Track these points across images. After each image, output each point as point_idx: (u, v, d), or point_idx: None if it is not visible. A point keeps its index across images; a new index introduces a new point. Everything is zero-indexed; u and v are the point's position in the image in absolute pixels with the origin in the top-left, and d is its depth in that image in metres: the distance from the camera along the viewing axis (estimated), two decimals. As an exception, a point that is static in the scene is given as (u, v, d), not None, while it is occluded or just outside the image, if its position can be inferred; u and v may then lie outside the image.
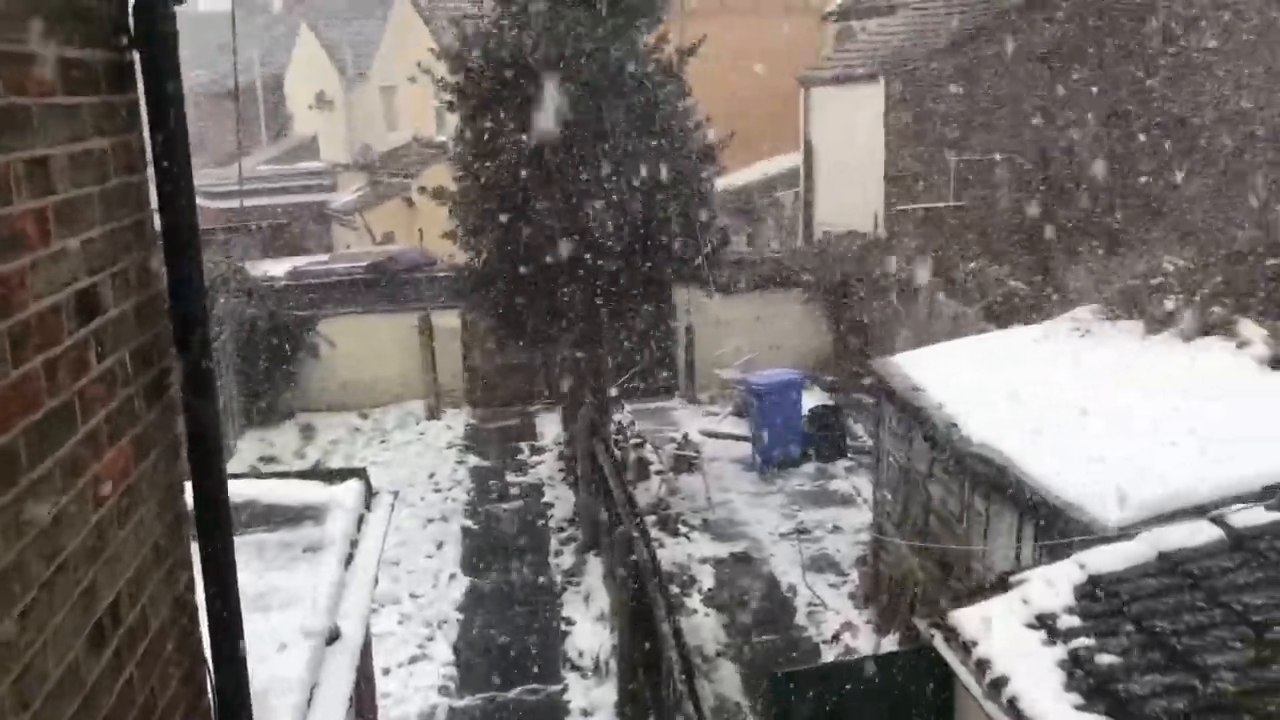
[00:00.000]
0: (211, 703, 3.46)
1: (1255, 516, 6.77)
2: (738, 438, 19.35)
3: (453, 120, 16.99)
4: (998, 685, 6.11)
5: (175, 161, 2.97)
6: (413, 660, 12.87)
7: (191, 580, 3.40)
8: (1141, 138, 20.30)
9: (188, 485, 3.34)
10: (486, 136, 15.43)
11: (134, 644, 2.82)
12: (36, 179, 2.35)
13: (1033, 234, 20.89)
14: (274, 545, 6.43)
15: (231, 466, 18.38)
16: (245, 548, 6.29)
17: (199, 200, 3.25)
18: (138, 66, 2.90)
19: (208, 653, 3.48)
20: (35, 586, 2.27)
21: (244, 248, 26.89)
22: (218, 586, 3.43)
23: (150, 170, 3.05)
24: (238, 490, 7.07)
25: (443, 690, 12.32)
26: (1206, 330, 10.81)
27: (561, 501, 17.60)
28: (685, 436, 19.10)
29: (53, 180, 2.43)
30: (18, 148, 2.27)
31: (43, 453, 2.32)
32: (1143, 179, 19.40)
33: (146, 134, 2.98)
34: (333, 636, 5.63)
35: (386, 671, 12.30)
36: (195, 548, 3.38)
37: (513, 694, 12.31)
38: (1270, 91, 21.41)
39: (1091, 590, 6.62)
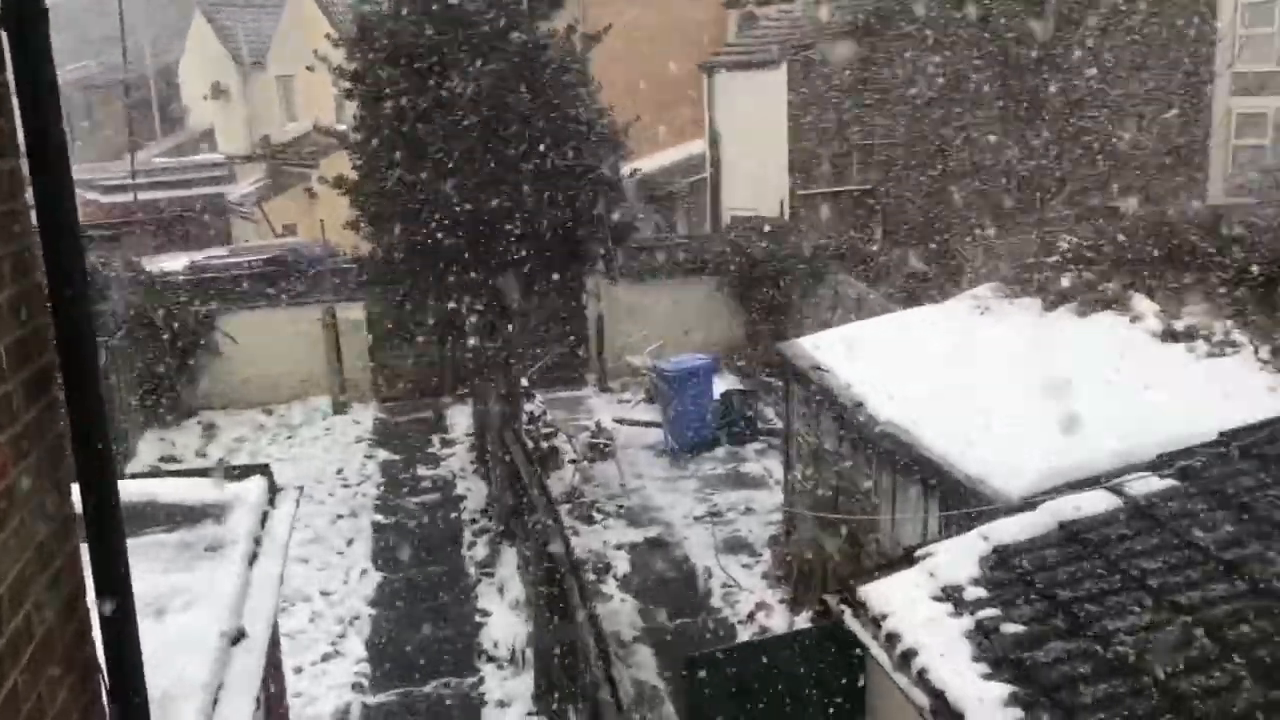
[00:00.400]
0: (107, 710, 3.34)
1: (1151, 484, 6.98)
2: (650, 424, 19.40)
3: (353, 108, 16.68)
4: (907, 657, 6.21)
5: (49, 147, 2.84)
6: (325, 658, 12.66)
7: (81, 584, 3.27)
8: (1037, 122, 20.81)
9: (75, 486, 3.21)
10: (386, 124, 15.17)
11: (18, 651, 2.71)
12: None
13: (934, 216, 21.28)
14: (173, 545, 6.24)
15: (131, 467, 18.00)
16: (143, 549, 6.10)
17: (90, 195, 3.12)
18: (5, 47, 2.76)
19: (102, 659, 3.36)
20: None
21: (139, 243, 26.09)
22: (111, 590, 3.31)
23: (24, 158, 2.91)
24: (134, 490, 6.86)
25: (356, 687, 12.15)
26: (1101, 305, 11.11)
27: (474, 493, 17.47)
28: (598, 424, 19.09)
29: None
30: None
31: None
32: (1039, 162, 19.89)
33: (18, 118, 2.84)
34: (238, 636, 5.49)
35: (298, 670, 12.09)
36: (86, 550, 3.26)
37: (428, 688, 12.19)
38: (1158, 76, 22.13)
39: (996, 561, 6.76)
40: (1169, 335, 10.29)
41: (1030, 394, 9.44)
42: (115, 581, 3.30)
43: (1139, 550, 6.45)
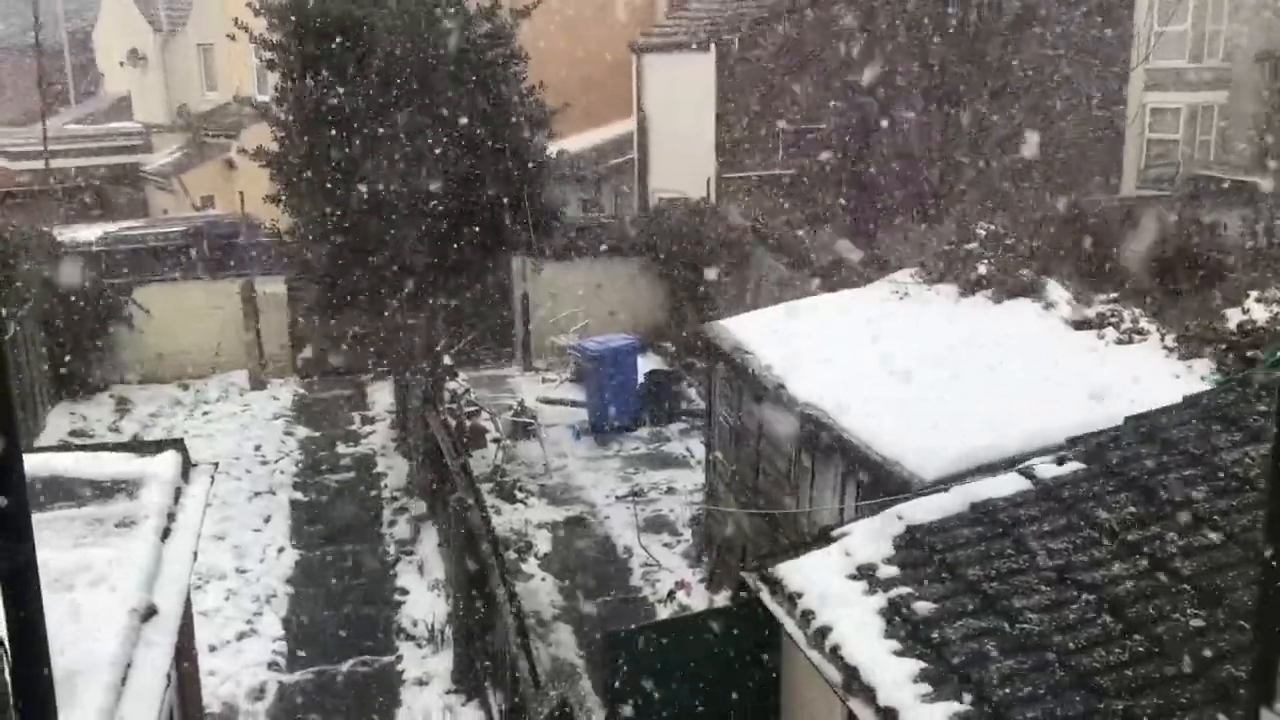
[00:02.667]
0: (9, 684, 3.28)
1: (1059, 467, 7.17)
2: (574, 404, 19.41)
3: (274, 80, 16.36)
4: (821, 634, 6.32)
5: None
6: (240, 636, 12.49)
7: (-17, 557, 3.20)
8: (959, 111, 21.12)
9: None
10: (308, 97, 14.91)
11: (-85, 624, 2.64)
12: None
13: (857, 201, 21.53)
14: (83, 520, 6.11)
15: (40, 441, 17.56)
16: (51, 524, 5.97)
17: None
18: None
19: (4, 633, 3.29)
20: None
21: (50, 212, 25.33)
22: (12, 564, 3.24)
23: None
24: (41, 464, 6.70)
25: (273, 666, 12.02)
26: (1016, 293, 11.35)
27: (395, 471, 17.33)
28: (522, 403, 19.04)
29: None
30: None
31: None
32: (960, 151, 20.20)
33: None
34: (149, 613, 5.39)
35: (213, 648, 11.93)
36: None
37: (345, 667, 12.10)
38: (1076, 70, 22.59)
39: (909, 541, 6.91)
40: (1081, 323, 10.55)
41: (946, 378, 9.63)
42: (17, 555, 3.24)
43: (1046, 531, 6.63)
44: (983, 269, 11.86)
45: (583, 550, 14.73)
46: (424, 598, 13.34)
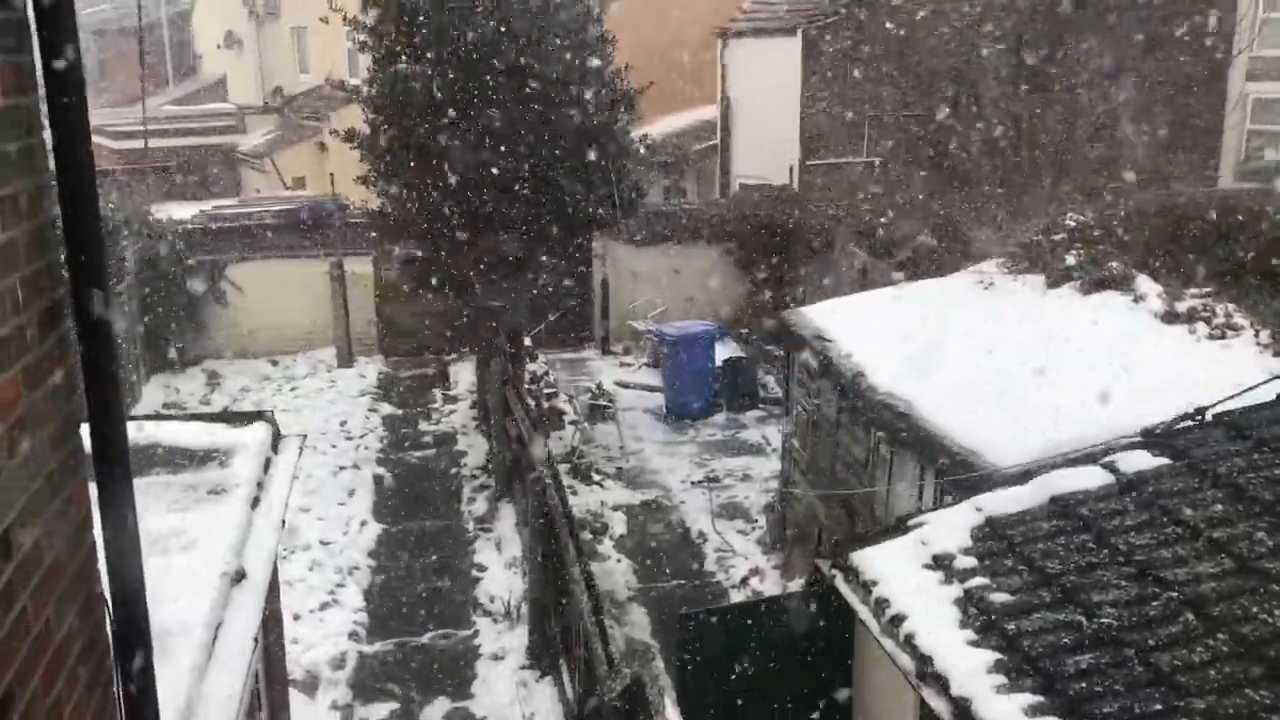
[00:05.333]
0: (110, 639, 3.43)
1: (1141, 461, 7.04)
2: (651, 388, 19.48)
3: (366, 62, 16.64)
4: (895, 622, 6.30)
5: (68, 84, 2.88)
6: (323, 606, 12.81)
7: (89, 517, 3.35)
8: (1050, 99, 20.71)
9: (85, 425, 3.28)
10: (399, 80, 15.15)
11: (28, 575, 2.78)
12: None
13: (942, 189, 21.22)
14: (177, 487, 6.34)
15: (135, 411, 18.10)
16: (148, 489, 6.19)
17: (101, 140, 3.17)
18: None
19: (107, 591, 3.44)
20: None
21: (148, 190, 26.09)
22: (116, 525, 3.38)
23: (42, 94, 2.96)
24: (141, 432, 6.95)
25: (353, 636, 12.31)
26: (1104, 285, 11.13)
27: (474, 450, 17.58)
28: (599, 386, 19.17)
29: (-65, 98, 2.35)
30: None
31: (-73, 376, 2.27)
32: (1049, 139, 19.81)
33: (37, 55, 2.89)
34: (238, 577, 5.59)
35: (297, 617, 12.24)
36: (94, 486, 3.33)
37: (424, 639, 12.35)
38: (1174, 58, 21.97)
39: (987, 532, 6.85)
40: (1171, 316, 10.31)
41: (1029, 370, 9.50)
42: (121, 517, 3.38)
43: (1128, 526, 6.52)
44: (1071, 260, 11.65)
45: (657, 533, 14.82)
46: (501, 574, 13.54)
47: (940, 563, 6.66)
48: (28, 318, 2.84)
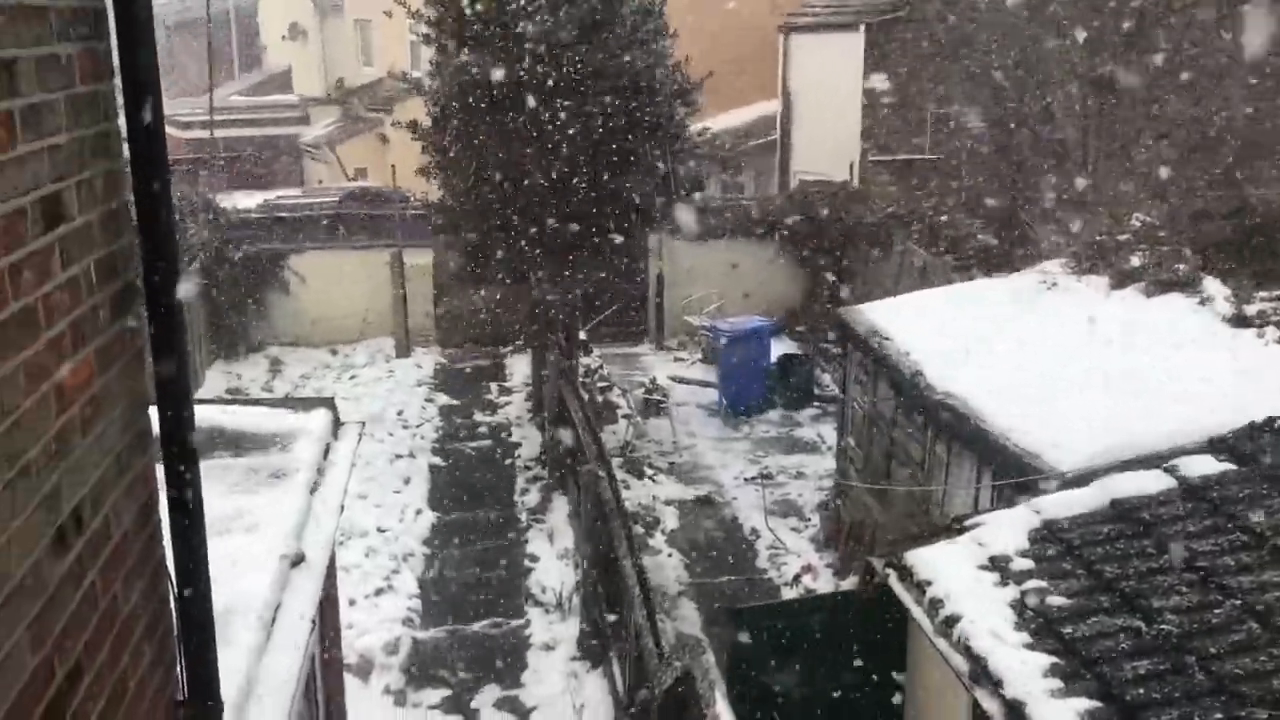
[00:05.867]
0: (174, 614, 3.51)
1: (1205, 466, 6.93)
2: (706, 384, 19.45)
3: (428, 55, 16.77)
4: (949, 623, 6.25)
5: (142, 70, 2.95)
6: (378, 592, 12.96)
7: (155, 495, 3.42)
8: (1117, 98, 20.35)
9: (153, 406, 3.35)
10: (462, 72, 15.25)
11: (96, 551, 2.86)
12: (2, 81, 2.34)
13: (1005, 188, 20.95)
14: (239, 470, 6.44)
15: (199, 396, 18.42)
16: (210, 472, 6.28)
17: (169, 129, 3.23)
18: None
19: (172, 568, 3.52)
20: (-1, 485, 2.29)
21: (214, 179, 26.53)
22: (181, 503, 3.45)
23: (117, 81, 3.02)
24: (204, 415, 7.05)
25: (407, 622, 12.44)
26: (1170, 287, 10.94)
27: (529, 441, 17.68)
28: (653, 381, 19.19)
29: (18, 83, 2.41)
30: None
31: (5, 354, 2.33)
32: (1115, 140, 19.47)
33: (114, 42, 2.95)
34: (298, 560, 5.66)
35: (352, 603, 12.40)
36: (160, 465, 3.40)
37: (476, 627, 12.45)
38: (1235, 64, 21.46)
39: (1045, 535, 6.77)
40: (1239, 319, 10.11)
41: (1090, 371, 9.36)
42: (186, 496, 3.45)
43: (1191, 531, 6.42)
44: (1136, 261, 11.45)
45: (709, 529, 14.81)
46: (553, 565, 13.61)
47: (996, 564, 6.60)
48: (101, 299, 2.91)
